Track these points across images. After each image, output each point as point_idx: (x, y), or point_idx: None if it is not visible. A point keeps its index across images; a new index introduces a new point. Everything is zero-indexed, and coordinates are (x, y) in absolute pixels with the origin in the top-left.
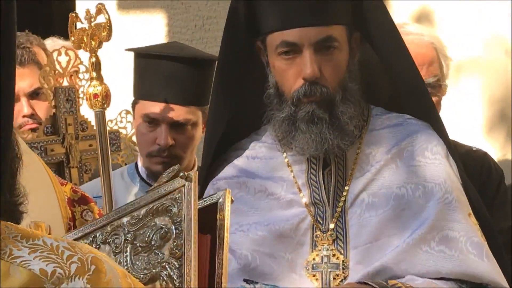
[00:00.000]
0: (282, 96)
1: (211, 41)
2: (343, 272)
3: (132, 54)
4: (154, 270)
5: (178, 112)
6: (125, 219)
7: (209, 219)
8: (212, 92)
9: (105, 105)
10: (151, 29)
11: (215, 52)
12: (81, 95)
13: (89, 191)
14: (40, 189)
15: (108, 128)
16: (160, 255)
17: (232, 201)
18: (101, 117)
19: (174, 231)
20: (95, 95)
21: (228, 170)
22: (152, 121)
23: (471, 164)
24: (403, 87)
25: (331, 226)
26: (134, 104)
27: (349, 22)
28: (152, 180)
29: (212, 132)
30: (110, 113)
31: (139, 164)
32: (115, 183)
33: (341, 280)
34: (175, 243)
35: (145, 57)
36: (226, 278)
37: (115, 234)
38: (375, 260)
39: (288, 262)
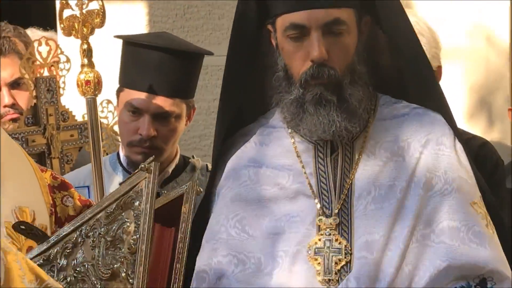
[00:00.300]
0: (290, 78)
1: (192, 30)
2: (345, 257)
3: (115, 44)
4: (115, 266)
5: (163, 104)
6: (102, 213)
7: (177, 212)
8: (223, 77)
9: (97, 92)
10: (132, 18)
11: (196, 41)
12: (61, 85)
13: (70, 182)
14: (23, 175)
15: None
16: (123, 249)
17: (199, 192)
18: (92, 104)
19: (133, 225)
20: (87, 82)
21: (235, 159)
22: (135, 110)
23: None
24: (411, 73)
25: (335, 211)
26: (118, 91)
27: (358, 5)
28: (133, 170)
29: (222, 118)
30: None
31: (121, 154)
32: None
33: (343, 265)
34: (133, 238)
35: (134, 46)
36: (182, 272)
37: (94, 228)
38: (380, 255)
39: (296, 252)
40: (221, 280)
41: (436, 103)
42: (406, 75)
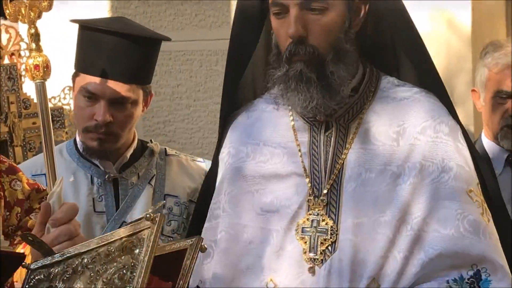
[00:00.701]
0: (280, 55)
1: (155, 15)
2: (330, 238)
3: (75, 28)
4: None
5: (119, 89)
6: (104, 248)
7: (178, 265)
8: (228, 53)
9: (46, 77)
10: (94, 3)
11: (158, 26)
12: (23, 73)
13: (27, 169)
14: None
15: (51, 105)
16: None
17: (204, 249)
18: (41, 88)
19: (129, 274)
20: (36, 66)
21: (236, 134)
22: (91, 96)
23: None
24: (409, 53)
25: (324, 191)
26: (74, 76)
27: None
28: (89, 156)
29: (227, 94)
30: (53, 90)
31: (78, 140)
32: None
33: (329, 245)
34: (125, 287)
35: (89, 30)
36: None
37: (94, 262)
38: (367, 239)
39: (285, 230)
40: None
41: (434, 88)
42: (405, 55)
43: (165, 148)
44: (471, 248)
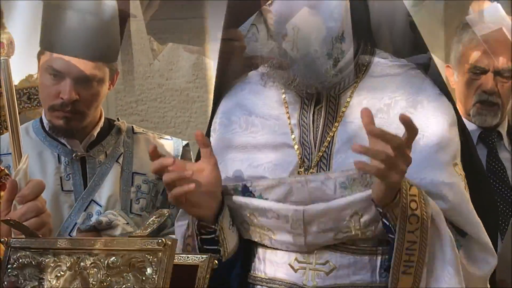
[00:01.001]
0: (268, 32)
1: None
2: None
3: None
4: None
5: (84, 67)
6: (104, 255)
7: (189, 278)
8: (222, 33)
9: (10, 54)
10: None
11: (134, 6)
12: None
13: None
14: None
15: (29, 83)
16: None
17: (215, 265)
18: (6, 66)
19: None
20: (1, 44)
21: (229, 105)
22: (56, 73)
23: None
24: (399, 31)
25: (313, 163)
26: (39, 54)
27: None
28: (55, 135)
29: (220, 72)
30: (31, 68)
31: (44, 119)
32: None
33: None
34: None
35: (53, 8)
36: None
37: (94, 267)
38: None
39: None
40: None
41: (425, 65)
42: (397, 34)
43: (132, 126)
44: (459, 222)
